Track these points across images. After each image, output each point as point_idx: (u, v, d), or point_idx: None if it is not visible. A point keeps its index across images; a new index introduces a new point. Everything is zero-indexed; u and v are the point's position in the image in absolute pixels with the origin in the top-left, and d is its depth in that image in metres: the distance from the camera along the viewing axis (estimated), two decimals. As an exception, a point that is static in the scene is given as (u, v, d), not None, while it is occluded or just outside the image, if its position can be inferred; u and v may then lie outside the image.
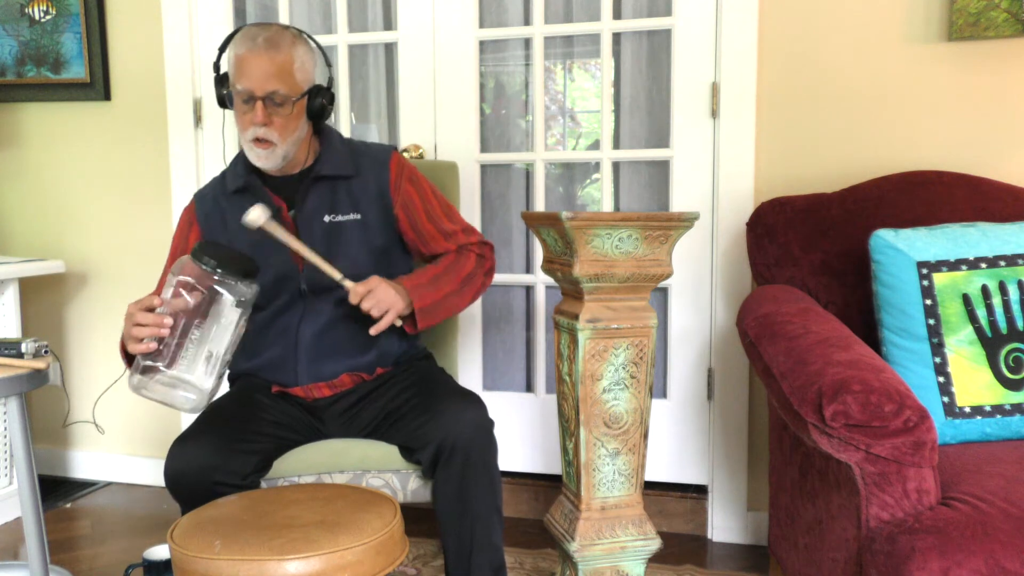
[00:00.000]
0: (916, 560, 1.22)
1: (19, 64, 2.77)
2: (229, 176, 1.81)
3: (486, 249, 1.87)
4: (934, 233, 1.68)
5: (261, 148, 1.69)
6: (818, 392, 1.32)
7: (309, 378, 1.75)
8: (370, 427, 1.74)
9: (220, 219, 1.79)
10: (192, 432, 1.60)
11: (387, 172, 1.81)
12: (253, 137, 1.68)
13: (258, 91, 1.65)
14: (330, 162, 1.78)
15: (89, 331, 2.85)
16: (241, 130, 1.71)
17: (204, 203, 1.83)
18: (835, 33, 2.17)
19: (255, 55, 1.66)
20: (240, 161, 1.80)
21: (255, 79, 1.65)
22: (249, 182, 1.76)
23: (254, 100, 1.66)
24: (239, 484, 1.56)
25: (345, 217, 1.77)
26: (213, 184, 1.86)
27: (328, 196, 1.77)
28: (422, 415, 1.64)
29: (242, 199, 1.76)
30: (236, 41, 1.69)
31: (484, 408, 1.64)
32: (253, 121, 1.67)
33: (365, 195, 1.79)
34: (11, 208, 2.87)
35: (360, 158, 1.82)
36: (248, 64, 1.66)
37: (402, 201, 1.81)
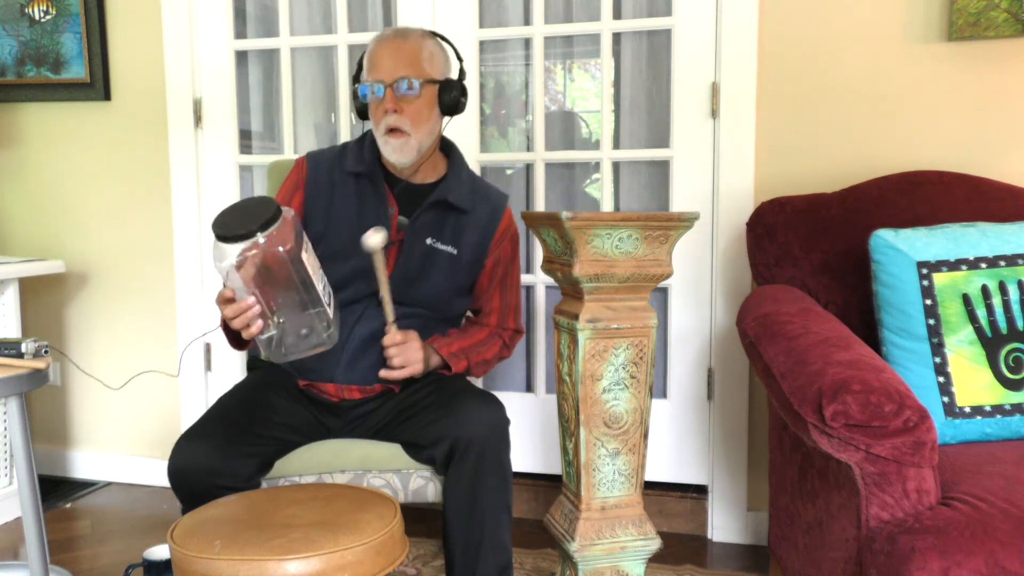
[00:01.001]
0: (916, 560, 1.22)
1: (19, 64, 2.77)
2: (352, 155, 1.78)
3: (515, 340, 1.93)
4: (934, 233, 1.68)
5: (395, 138, 1.69)
6: (818, 392, 1.32)
7: (345, 378, 1.73)
8: (380, 425, 1.74)
9: (329, 193, 1.76)
10: (198, 430, 1.60)
11: (497, 221, 1.83)
12: (386, 128, 1.69)
13: (387, 78, 1.67)
14: (454, 190, 1.77)
15: (89, 331, 2.85)
16: (375, 126, 1.71)
17: (318, 171, 1.79)
18: (835, 33, 2.17)
19: (383, 45, 1.69)
20: (368, 147, 1.78)
21: (384, 67, 1.68)
22: (372, 172, 1.75)
23: (384, 88, 1.67)
24: (241, 486, 1.56)
25: (444, 247, 1.77)
26: (331, 154, 1.82)
27: (438, 221, 1.77)
28: (437, 411, 1.64)
29: (358, 184, 1.75)
30: (374, 41, 1.73)
31: (501, 407, 1.65)
32: (385, 109, 1.67)
33: (469, 234, 1.79)
34: (11, 208, 2.87)
35: (478, 197, 1.82)
36: (377, 55, 1.69)
37: (496, 256, 1.84)
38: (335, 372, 1.73)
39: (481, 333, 1.86)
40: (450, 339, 1.79)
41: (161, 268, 2.75)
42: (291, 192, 1.79)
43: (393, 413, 1.72)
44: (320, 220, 1.74)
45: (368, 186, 1.75)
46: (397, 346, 1.66)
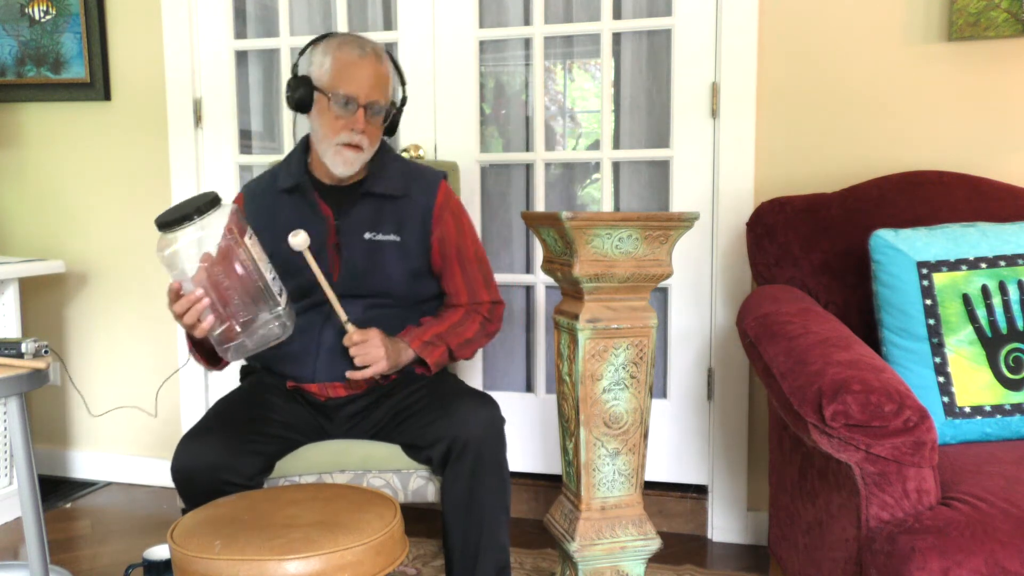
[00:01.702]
0: (916, 560, 1.22)
1: (19, 64, 2.77)
2: (282, 173, 1.81)
3: (496, 311, 1.89)
4: (934, 233, 1.68)
5: (351, 152, 1.71)
6: (818, 392, 1.32)
7: (326, 376, 1.74)
8: (377, 427, 1.74)
9: (270, 216, 1.79)
10: (201, 429, 1.60)
11: (433, 198, 1.82)
12: (346, 142, 1.70)
13: (363, 98, 1.69)
14: (382, 180, 1.78)
15: (89, 331, 2.85)
16: (329, 134, 1.71)
17: (254, 199, 1.84)
18: (835, 33, 2.17)
19: (365, 63, 1.69)
20: (295, 160, 1.80)
21: (363, 86, 1.68)
22: (302, 183, 1.77)
23: (356, 106, 1.68)
24: (245, 484, 1.56)
25: (385, 237, 1.77)
26: (264, 179, 1.86)
27: (373, 213, 1.77)
28: (433, 412, 1.64)
29: (292, 199, 1.78)
30: (336, 46, 1.71)
31: (497, 407, 1.65)
32: (351, 127, 1.69)
33: (409, 217, 1.79)
34: (11, 208, 2.87)
35: (411, 180, 1.82)
36: (356, 70, 1.68)
37: (441, 232, 1.82)
38: (315, 372, 1.74)
39: (455, 315, 1.83)
40: (423, 328, 1.77)
41: (161, 268, 2.75)
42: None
43: (390, 415, 1.73)
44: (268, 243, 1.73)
45: (300, 199, 1.78)
46: (357, 346, 1.66)
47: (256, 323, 1.50)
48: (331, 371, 1.74)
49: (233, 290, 1.47)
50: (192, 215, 1.41)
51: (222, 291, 1.46)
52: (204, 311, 1.46)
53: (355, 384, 1.74)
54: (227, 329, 1.48)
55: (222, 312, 1.47)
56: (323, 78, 1.71)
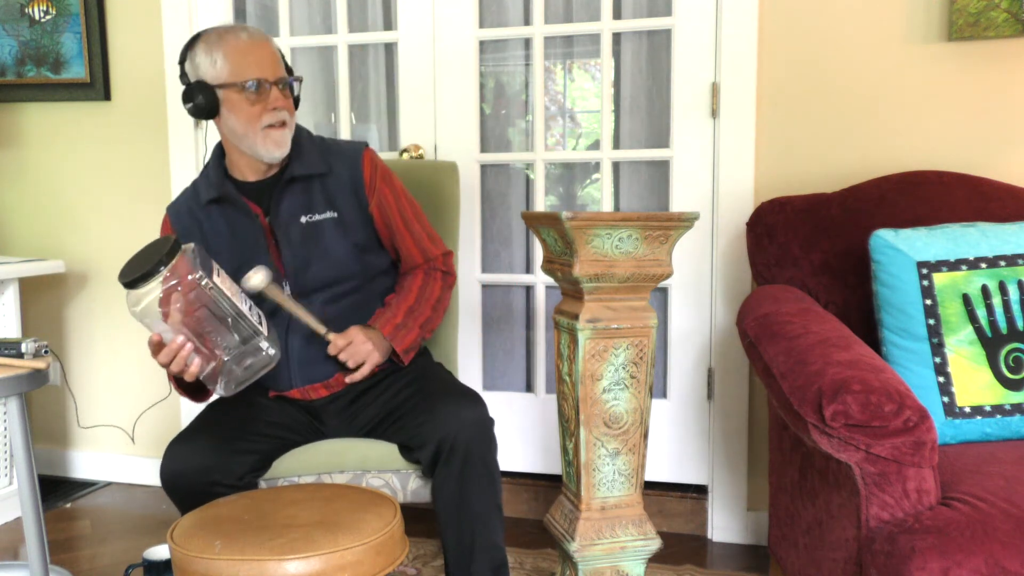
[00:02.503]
0: (916, 560, 1.22)
1: (19, 64, 2.77)
2: (202, 186, 1.78)
3: (449, 261, 1.88)
4: (934, 233, 1.68)
5: (278, 132, 1.69)
6: (818, 392, 1.32)
7: (303, 380, 1.74)
8: (370, 426, 1.74)
9: (198, 231, 1.76)
10: (189, 432, 1.60)
11: (360, 169, 1.79)
12: (270, 123, 1.67)
13: (271, 76, 1.67)
14: (302, 161, 1.75)
15: (89, 331, 2.85)
16: (252, 121, 1.67)
17: (180, 217, 1.79)
18: (835, 33, 2.17)
19: (257, 46, 1.67)
20: (213, 170, 1.77)
21: (266, 67, 1.67)
22: (224, 191, 1.74)
23: (267, 87, 1.67)
24: (235, 484, 1.56)
25: (322, 216, 1.74)
26: (186, 196, 1.82)
27: (303, 197, 1.75)
28: (421, 414, 1.64)
29: (219, 208, 1.75)
30: (218, 41, 1.67)
31: (483, 406, 1.64)
32: (272, 106, 1.67)
33: (340, 192, 1.77)
34: (11, 208, 2.87)
35: (332, 155, 1.79)
36: (253, 54, 1.66)
37: (377, 200, 1.79)
38: (291, 379, 1.74)
39: (416, 280, 1.82)
40: (392, 310, 1.76)
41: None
42: None
43: (383, 414, 1.73)
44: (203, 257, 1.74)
45: (228, 206, 1.75)
46: (344, 351, 1.66)
47: (244, 356, 1.49)
48: (306, 374, 1.74)
49: (213, 331, 1.46)
50: (157, 268, 1.39)
51: (203, 334, 1.46)
52: (189, 356, 1.45)
53: (335, 382, 1.75)
54: (216, 367, 1.48)
55: (207, 353, 1.47)
56: (222, 74, 1.66)
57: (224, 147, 1.78)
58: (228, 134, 1.72)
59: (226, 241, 1.74)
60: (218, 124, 1.73)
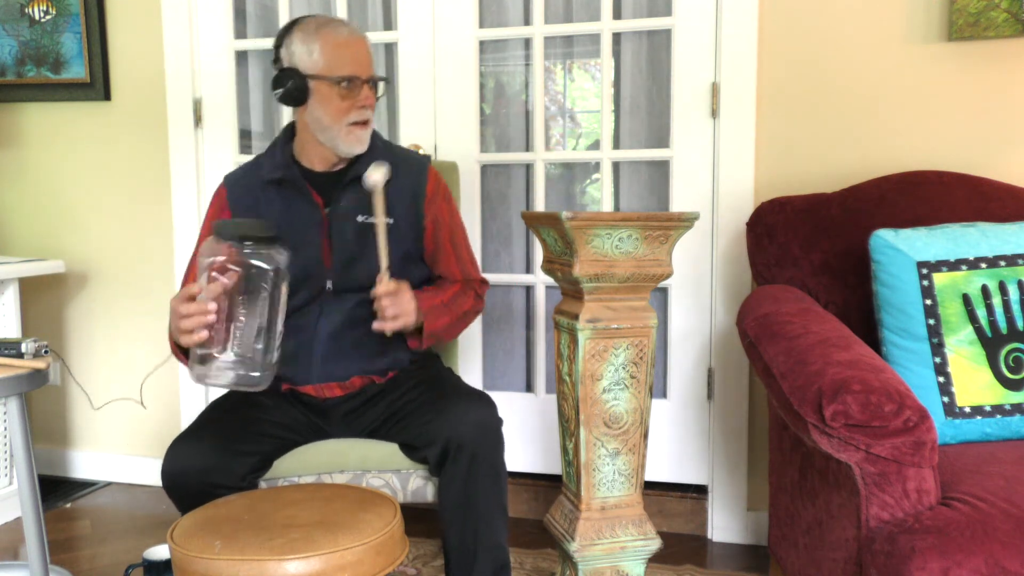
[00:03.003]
0: (916, 560, 1.22)
1: (19, 64, 2.77)
2: (266, 164, 1.78)
3: (484, 289, 1.91)
4: (934, 233, 1.68)
5: (361, 129, 1.71)
6: (818, 392, 1.32)
7: (322, 377, 1.74)
8: (374, 425, 1.74)
9: (255, 209, 1.77)
10: (190, 433, 1.60)
11: (424, 183, 1.82)
12: (355, 120, 1.69)
13: (364, 74, 1.69)
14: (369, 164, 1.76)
15: (89, 331, 2.85)
16: (339, 115, 1.69)
17: (236, 189, 1.80)
18: (835, 33, 2.17)
19: (355, 41, 1.69)
20: (281, 151, 1.78)
21: (362, 63, 1.69)
22: (290, 174, 1.75)
23: (359, 83, 1.68)
24: (236, 485, 1.56)
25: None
26: (247, 171, 1.83)
27: (363, 196, 1.74)
28: (429, 412, 1.64)
29: (279, 190, 1.76)
30: (317, 31, 1.68)
31: (494, 407, 1.64)
32: (361, 104, 1.69)
33: (400, 200, 1.78)
34: (11, 208, 2.87)
35: (398, 162, 1.80)
36: (351, 49, 1.68)
37: (434, 215, 1.82)
38: (310, 374, 1.74)
39: (453, 287, 1.84)
40: (428, 293, 1.77)
41: (161, 268, 2.75)
42: (217, 217, 1.79)
43: (387, 414, 1.73)
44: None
45: (289, 189, 1.76)
46: (390, 295, 1.64)
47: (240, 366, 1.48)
48: (326, 372, 1.74)
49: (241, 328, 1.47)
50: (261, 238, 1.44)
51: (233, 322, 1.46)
52: (203, 326, 1.44)
53: (351, 384, 1.74)
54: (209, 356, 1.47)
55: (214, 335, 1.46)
56: (317, 65, 1.67)
57: (297, 133, 1.79)
58: (311, 123, 1.73)
59: (283, 223, 1.73)
60: (301, 112, 1.74)
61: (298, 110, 1.74)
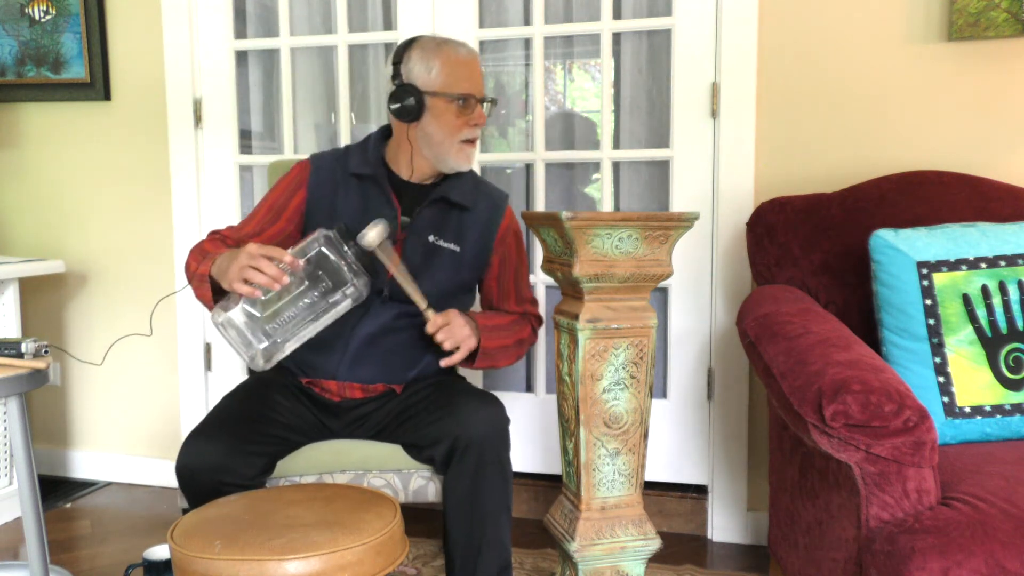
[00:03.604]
0: (916, 560, 1.22)
1: (19, 64, 2.77)
2: (355, 157, 1.79)
3: (539, 324, 1.94)
4: (934, 233, 1.68)
5: (471, 148, 1.75)
6: (818, 392, 1.32)
7: (348, 376, 1.73)
8: (380, 426, 1.74)
9: (332, 194, 1.77)
10: (206, 429, 1.60)
11: (500, 218, 1.84)
12: (468, 138, 1.73)
13: (478, 94, 1.73)
14: (457, 188, 1.79)
15: (89, 331, 2.85)
16: (452, 132, 1.72)
17: (320, 172, 1.80)
18: (835, 33, 2.17)
19: (472, 62, 1.74)
20: (373, 149, 1.79)
21: (477, 83, 1.74)
22: (377, 174, 1.76)
23: (474, 102, 1.72)
24: (246, 485, 1.56)
25: (447, 244, 1.78)
26: (333, 156, 1.83)
27: (440, 218, 1.78)
28: (436, 412, 1.64)
29: (360, 186, 1.77)
30: (436, 50, 1.71)
31: (501, 407, 1.65)
32: (476, 122, 1.73)
33: (472, 230, 1.80)
34: (11, 208, 2.87)
35: (479, 193, 1.83)
36: (469, 69, 1.72)
37: (503, 253, 1.85)
38: (337, 369, 1.73)
39: (512, 316, 1.87)
40: (486, 315, 1.79)
41: (161, 268, 2.75)
42: (293, 189, 1.79)
43: (393, 415, 1.73)
44: (323, 220, 1.74)
45: (372, 188, 1.76)
46: (442, 330, 1.65)
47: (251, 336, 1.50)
48: (354, 372, 1.73)
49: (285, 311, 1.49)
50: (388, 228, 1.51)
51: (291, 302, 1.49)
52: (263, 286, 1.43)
53: (374, 389, 1.74)
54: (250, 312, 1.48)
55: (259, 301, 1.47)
56: (435, 82, 1.70)
57: (396, 141, 1.79)
58: (421, 137, 1.74)
59: (355, 217, 1.73)
60: (411, 127, 1.74)
61: (406, 124, 1.74)
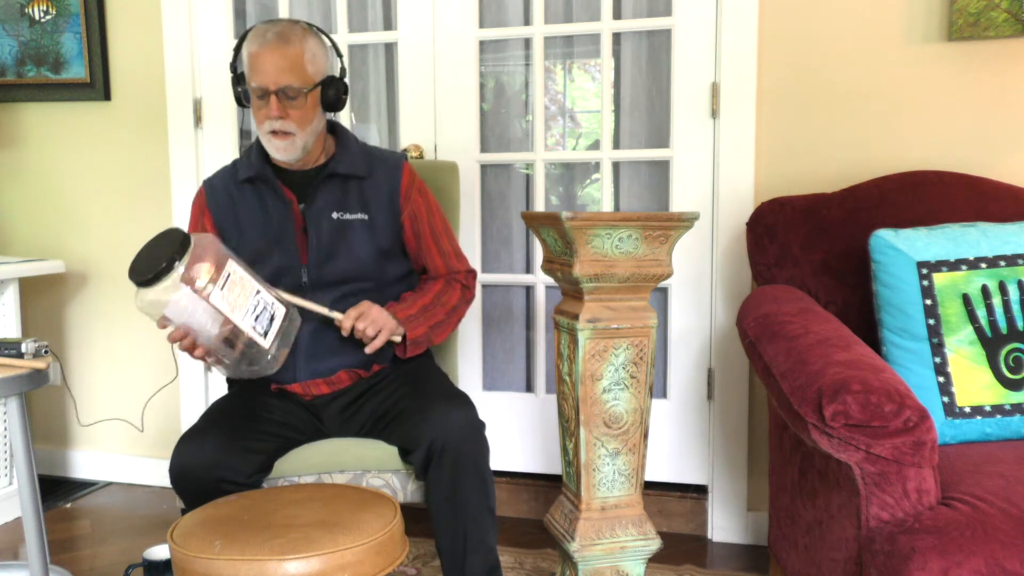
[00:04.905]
0: (916, 560, 1.22)
1: (19, 64, 2.77)
2: (242, 165, 1.83)
3: (471, 279, 1.92)
4: (934, 233, 1.68)
5: (280, 140, 1.72)
6: (818, 392, 1.32)
7: (307, 375, 1.75)
8: (367, 426, 1.75)
9: (231, 207, 1.81)
10: (199, 429, 1.61)
11: (399, 178, 1.84)
12: (270, 130, 1.71)
13: (271, 86, 1.69)
14: (344, 161, 1.80)
15: (89, 331, 2.85)
16: (258, 124, 1.73)
17: (215, 192, 1.84)
18: (835, 33, 2.17)
19: (266, 51, 1.69)
20: (255, 151, 1.81)
21: (268, 74, 1.69)
22: (262, 172, 1.78)
23: (268, 95, 1.69)
24: (244, 483, 1.56)
25: (353, 216, 1.79)
26: (223, 173, 1.87)
27: (338, 194, 1.79)
28: (413, 416, 1.65)
29: (254, 188, 1.80)
30: (248, 39, 1.73)
31: (473, 408, 1.66)
32: (269, 115, 1.70)
33: (375, 197, 1.81)
34: (11, 208, 2.87)
35: (373, 161, 1.84)
36: (260, 60, 1.69)
37: (411, 210, 1.84)
38: (296, 371, 1.75)
39: (436, 285, 1.86)
40: (408, 302, 1.79)
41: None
42: (199, 220, 1.85)
43: (377, 415, 1.74)
44: (232, 234, 1.79)
45: (263, 186, 1.79)
46: (358, 320, 1.67)
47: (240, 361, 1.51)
48: (310, 369, 1.75)
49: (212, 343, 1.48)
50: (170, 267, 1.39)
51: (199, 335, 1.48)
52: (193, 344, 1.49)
53: (337, 380, 1.75)
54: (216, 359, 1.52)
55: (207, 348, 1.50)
56: (246, 72, 1.73)
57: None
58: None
59: (258, 219, 1.78)
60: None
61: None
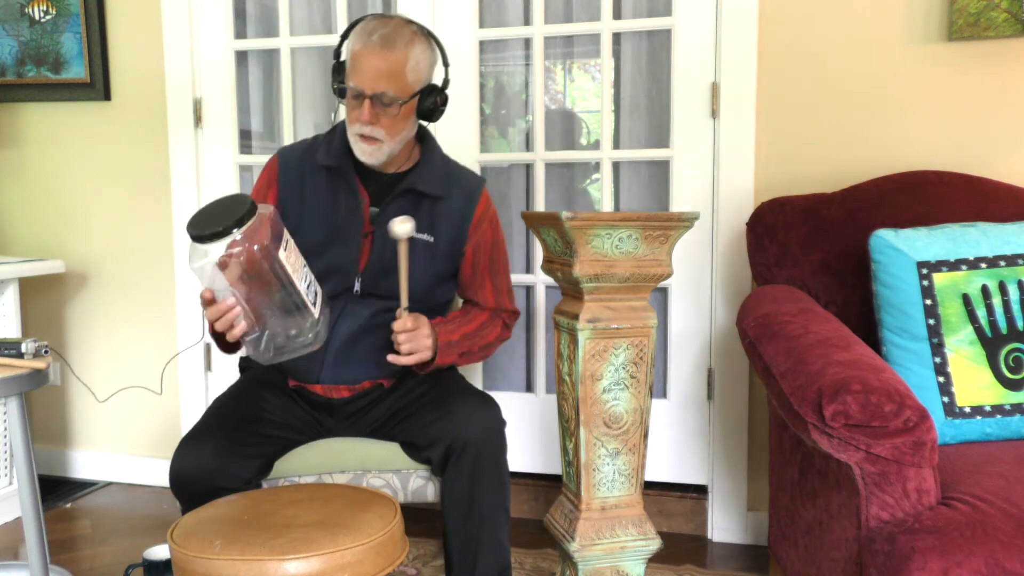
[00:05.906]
0: (916, 560, 1.22)
1: (19, 64, 2.77)
2: (322, 148, 1.77)
3: (513, 320, 1.90)
4: (934, 233, 1.68)
5: (367, 144, 1.68)
6: (818, 392, 1.32)
7: (331, 379, 1.73)
8: (376, 424, 1.74)
9: (300, 189, 1.75)
10: (198, 433, 1.60)
11: (474, 206, 1.80)
12: (358, 133, 1.67)
13: (368, 90, 1.64)
14: (426, 178, 1.75)
15: (89, 331, 2.85)
16: (348, 122, 1.69)
17: (288, 167, 1.78)
18: (835, 33, 2.17)
19: (368, 52, 1.63)
20: (339, 140, 1.76)
21: (366, 78, 1.63)
22: (342, 165, 1.73)
23: (363, 97, 1.64)
24: (242, 487, 1.56)
25: (419, 235, 1.73)
26: (301, 148, 1.80)
27: (410, 209, 1.73)
28: (433, 412, 1.64)
29: (329, 177, 1.74)
30: (354, 34, 1.67)
31: (497, 408, 1.65)
32: (360, 119, 1.65)
33: (445, 220, 1.77)
34: (11, 208, 2.87)
35: (453, 182, 1.79)
36: (361, 61, 1.64)
37: (477, 240, 1.81)
38: (321, 373, 1.73)
39: (482, 315, 1.83)
40: (452, 325, 1.75)
41: (161, 268, 2.75)
42: (265, 189, 1.78)
43: (390, 413, 1.73)
44: (293, 215, 1.73)
45: (339, 179, 1.74)
46: (407, 332, 1.63)
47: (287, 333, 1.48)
48: (337, 374, 1.73)
49: (264, 300, 1.45)
50: (230, 229, 1.37)
51: (253, 300, 1.44)
52: (237, 318, 1.44)
53: (361, 388, 1.74)
54: (258, 337, 1.47)
55: (253, 320, 1.45)
56: (347, 66, 1.68)
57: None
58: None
59: (324, 211, 1.72)
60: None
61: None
